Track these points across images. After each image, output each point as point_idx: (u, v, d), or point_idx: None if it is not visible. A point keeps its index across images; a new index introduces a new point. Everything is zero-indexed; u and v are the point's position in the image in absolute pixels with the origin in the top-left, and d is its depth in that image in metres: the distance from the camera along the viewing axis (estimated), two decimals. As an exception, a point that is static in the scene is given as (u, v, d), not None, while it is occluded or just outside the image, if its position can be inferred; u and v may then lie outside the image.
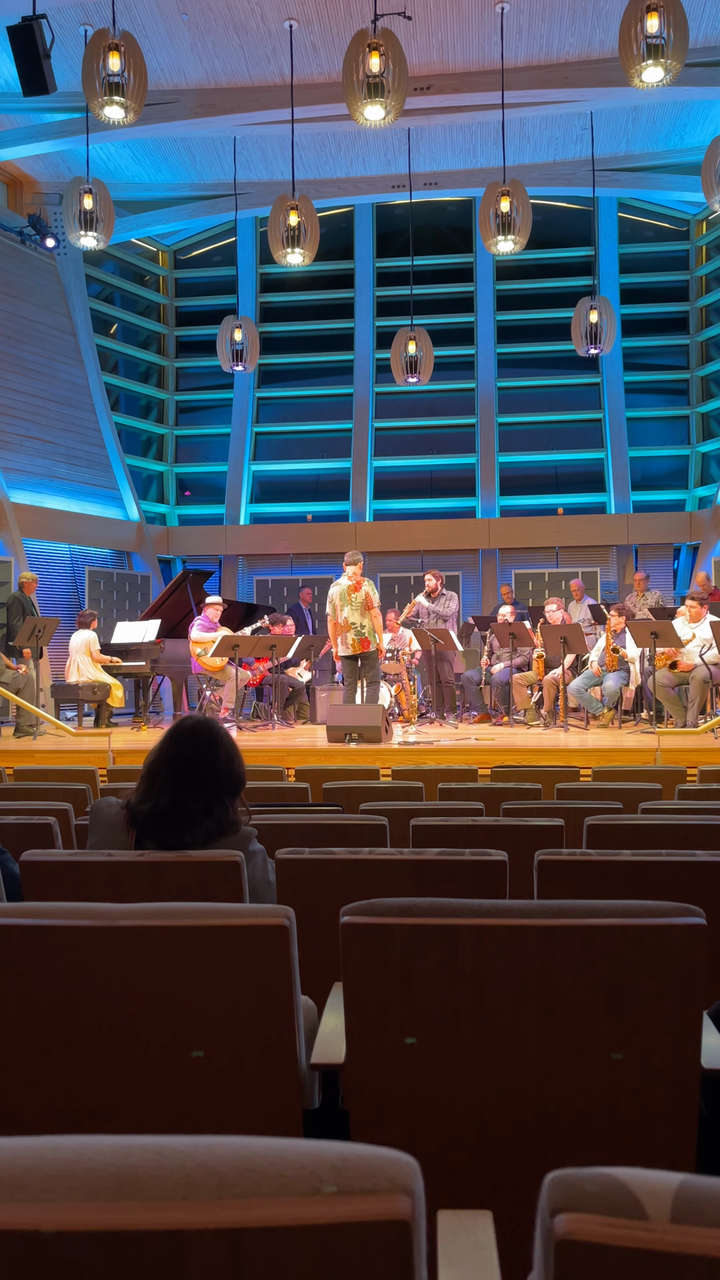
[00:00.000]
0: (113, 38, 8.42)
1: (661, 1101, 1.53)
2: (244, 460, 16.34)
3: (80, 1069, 1.65)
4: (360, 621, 8.42)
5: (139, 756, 6.97)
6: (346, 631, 8.48)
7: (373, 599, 8.49)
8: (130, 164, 14.18)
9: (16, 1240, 0.68)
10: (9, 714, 10.07)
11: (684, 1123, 1.54)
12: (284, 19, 10.84)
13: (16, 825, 3.25)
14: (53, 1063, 1.65)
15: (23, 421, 13.61)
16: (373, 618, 8.54)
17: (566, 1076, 1.53)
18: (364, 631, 8.43)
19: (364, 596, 8.45)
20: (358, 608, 8.44)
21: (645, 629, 8.56)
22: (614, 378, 15.64)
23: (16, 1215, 0.67)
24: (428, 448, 16.30)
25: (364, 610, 8.44)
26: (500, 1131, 1.54)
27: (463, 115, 12.20)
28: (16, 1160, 0.70)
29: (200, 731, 2.36)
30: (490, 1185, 1.54)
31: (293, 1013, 1.65)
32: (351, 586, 8.46)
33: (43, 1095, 1.66)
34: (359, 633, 8.43)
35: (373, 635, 8.49)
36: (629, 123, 13.28)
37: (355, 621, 8.42)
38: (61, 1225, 0.67)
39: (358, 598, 8.44)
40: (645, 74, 8.11)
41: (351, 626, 8.43)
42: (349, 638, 8.48)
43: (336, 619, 8.56)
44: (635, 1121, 1.53)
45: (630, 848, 2.62)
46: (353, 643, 8.47)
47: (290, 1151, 0.70)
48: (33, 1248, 0.69)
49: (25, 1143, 0.72)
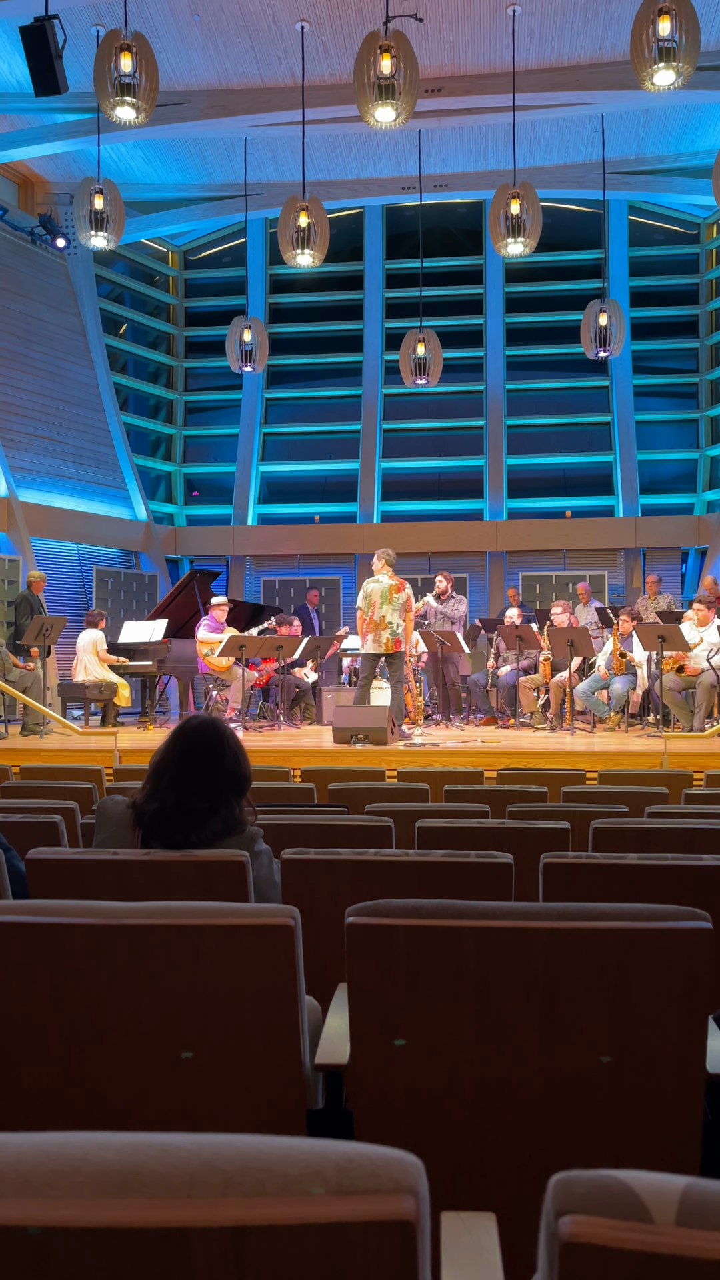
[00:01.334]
0: (124, 38, 8.44)
1: (666, 1105, 1.52)
2: (252, 461, 16.36)
3: (84, 1067, 1.65)
4: (397, 622, 8.37)
5: (145, 756, 6.98)
6: (381, 630, 8.39)
7: (413, 602, 8.46)
8: (141, 164, 14.21)
9: (22, 1236, 0.68)
10: (16, 712, 10.09)
11: (688, 1126, 1.54)
12: (296, 20, 10.85)
13: (23, 823, 3.26)
14: (57, 1061, 1.65)
15: (32, 421, 13.65)
16: (408, 620, 8.52)
17: (571, 1079, 1.53)
18: (399, 632, 8.38)
19: (405, 598, 8.42)
20: (398, 608, 8.37)
21: (653, 632, 8.54)
22: (623, 381, 15.62)
23: (22, 1211, 0.67)
24: (436, 449, 16.30)
25: (403, 611, 8.40)
26: (504, 1134, 1.54)
27: (473, 117, 12.20)
28: (22, 1156, 0.70)
29: (207, 731, 2.36)
30: (494, 1187, 1.54)
31: (297, 1013, 1.65)
32: (395, 587, 8.40)
33: (47, 1093, 1.67)
34: (394, 633, 8.36)
35: (404, 637, 8.46)
36: (640, 126, 13.27)
37: (393, 621, 8.35)
38: (67, 1222, 0.67)
39: (399, 598, 8.38)
40: (657, 77, 8.10)
41: (388, 625, 8.36)
42: (383, 636, 8.39)
43: (373, 615, 8.44)
44: (640, 1125, 1.53)
45: (636, 851, 2.62)
46: (386, 642, 8.39)
47: (295, 1150, 0.70)
48: (38, 1244, 0.69)
49: (31, 1139, 0.72)
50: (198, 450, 17.22)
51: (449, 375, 13.86)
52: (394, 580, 8.44)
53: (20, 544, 12.69)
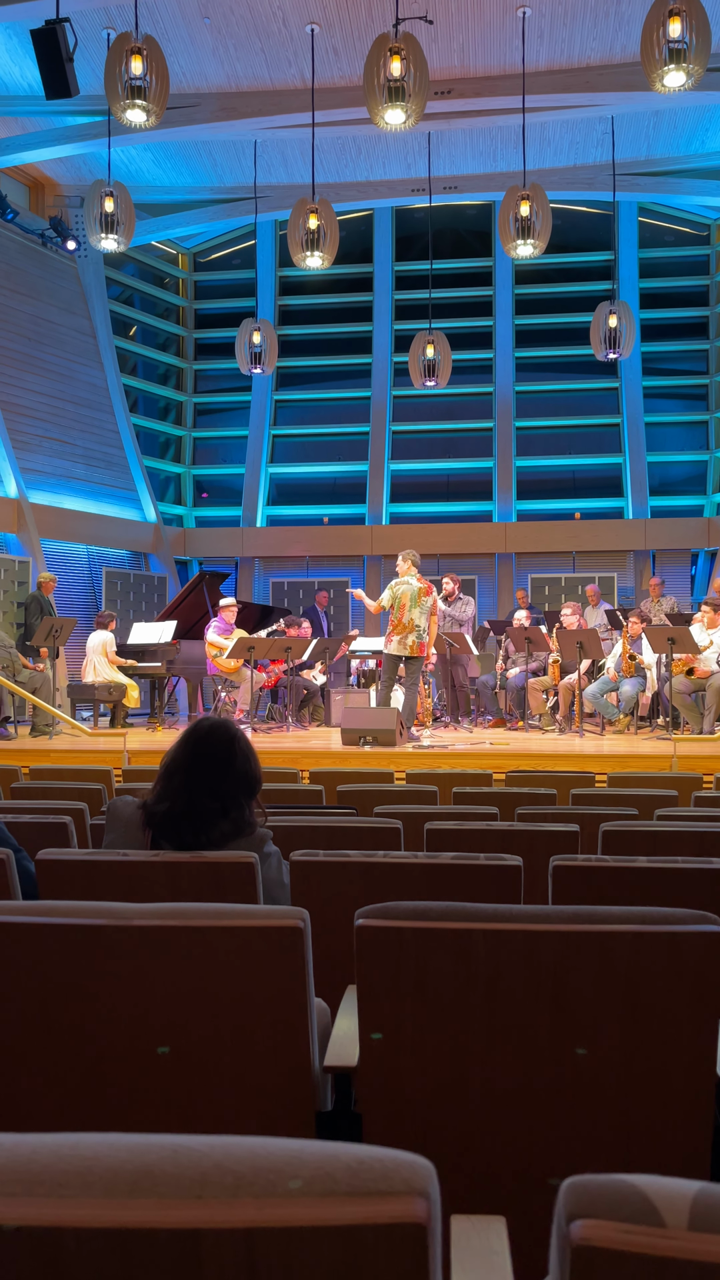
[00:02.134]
0: (135, 41, 8.46)
1: (676, 1109, 1.52)
2: (261, 462, 16.38)
3: (94, 1068, 1.65)
4: (425, 626, 8.33)
5: (154, 757, 6.99)
6: (409, 633, 8.32)
7: (438, 606, 8.39)
8: (151, 167, 14.25)
9: (34, 1237, 0.68)
10: (26, 713, 10.11)
11: (699, 1131, 1.53)
12: (306, 23, 10.87)
13: (33, 824, 3.27)
14: (67, 1061, 1.66)
15: (42, 423, 13.69)
16: (433, 625, 8.50)
17: (581, 1083, 1.52)
18: (424, 636, 8.35)
19: (432, 602, 8.39)
20: (426, 611, 8.33)
21: (662, 634, 8.52)
22: (633, 383, 15.59)
23: (34, 1211, 0.68)
24: (445, 451, 16.29)
25: (429, 615, 8.38)
26: (513, 1137, 1.53)
27: (483, 119, 12.20)
28: (34, 1157, 0.70)
29: (218, 733, 2.36)
30: (503, 1191, 1.53)
31: (306, 1015, 1.65)
32: (424, 589, 8.35)
33: (57, 1093, 1.67)
34: (420, 636, 8.31)
35: (428, 642, 8.45)
36: (650, 127, 13.25)
37: (421, 625, 8.30)
38: (78, 1222, 0.68)
39: (428, 602, 8.35)
40: (667, 78, 8.09)
41: (415, 629, 8.30)
42: (409, 639, 8.32)
43: (401, 617, 8.35)
44: (650, 1129, 1.52)
45: (646, 854, 2.61)
46: (412, 645, 8.33)
47: (306, 1152, 0.70)
48: (50, 1245, 0.69)
49: (42, 1139, 0.72)
50: (207, 452, 17.25)
51: (458, 377, 13.86)
52: (422, 583, 8.40)
53: (30, 545, 12.73)
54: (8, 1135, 0.73)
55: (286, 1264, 0.68)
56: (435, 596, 8.42)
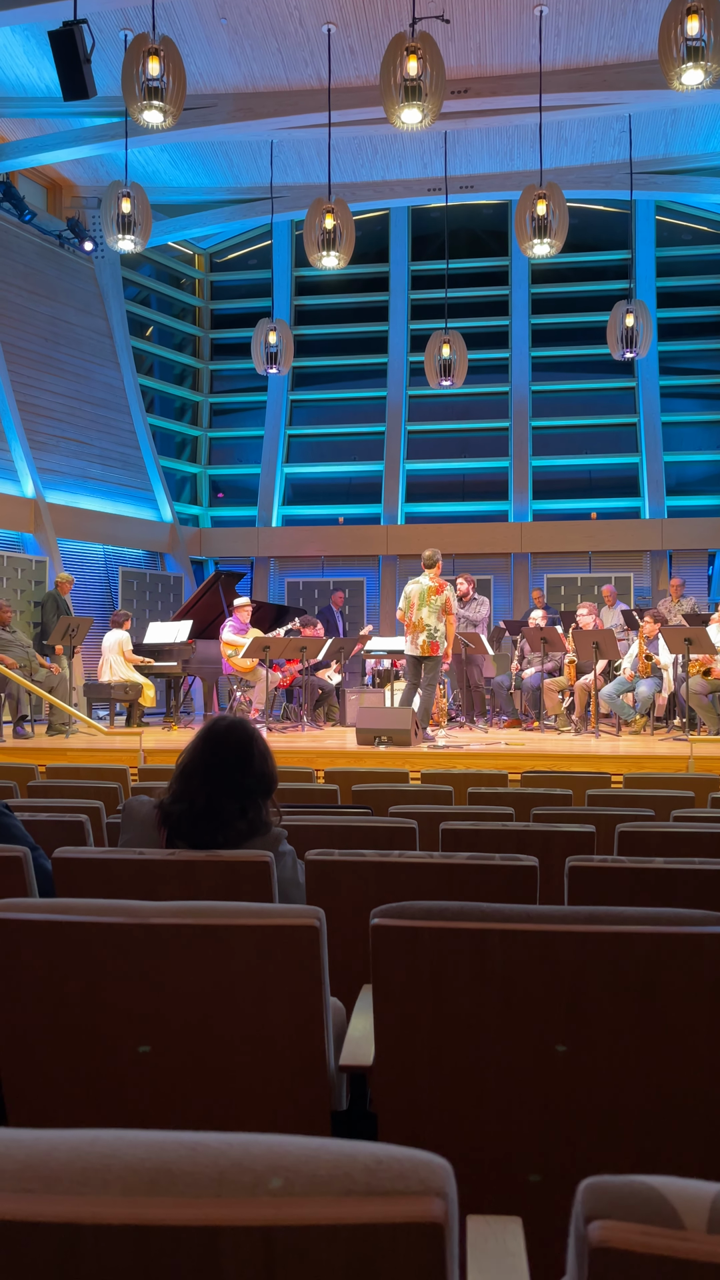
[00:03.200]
0: (152, 42, 8.48)
1: (695, 1111, 1.51)
2: (277, 462, 16.40)
3: (110, 1065, 1.66)
4: (435, 625, 8.21)
5: (170, 756, 7.00)
6: (419, 632, 8.25)
7: (453, 604, 8.28)
8: (168, 168, 14.29)
9: (52, 1233, 0.69)
10: (42, 712, 10.16)
11: (718, 1133, 1.52)
12: (322, 23, 10.87)
13: (49, 822, 3.28)
14: (84, 1058, 1.66)
15: (59, 423, 13.75)
16: (449, 623, 8.33)
17: (598, 1084, 1.52)
18: (436, 635, 8.22)
19: (444, 600, 8.24)
20: (435, 610, 8.22)
21: (679, 635, 8.48)
22: (649, 382, 15.53)
23: (52, 1208, 0.68)
24: (460, 451, 16.27)
25: (441, 614, 8.23)
26: (530, 1138, 1.53)
27: (500, 118, 12.17)
28: (53, 1153, 0.70)
29: (234, 732, 2.36)
30: (520, 1191, 1.53)
31: (322, 1014, 1.65)
32: (434, 588, 8.24)
33: (75, 1090, 1.68)
34: (431, 636, 8.21)
35: (443, 640, 8.27)
36: (668, 125, 13.19)
37: (430, 624, 8.20)
38: (96, 1219, 0.68)
39: (438, 600, 8.22)
40: (685, 76, 8.05)
41: (425, 628, 8.21)
42: (420, 639, 8.26)
43: (411, 617, 8.31)
44: (668, 1131, 1.52)
45: (662, 855, 2.60)
46: (422, 644, 8.25)
47: (324, 1151, 0.70)
48: (67, 1241, 0.69)
49: (61, 1136, 0.72)
50: (223, 452, 17.28)
51: (474, 377, 13.83)
52: (434, 581, 8.29)
53: (47, 545, 12.79)
54: (26, 1132, 0.73)
55: (304, 1262, 0.68)
56: (448, 594, 8.30)
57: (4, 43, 11.28)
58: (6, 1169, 0.69)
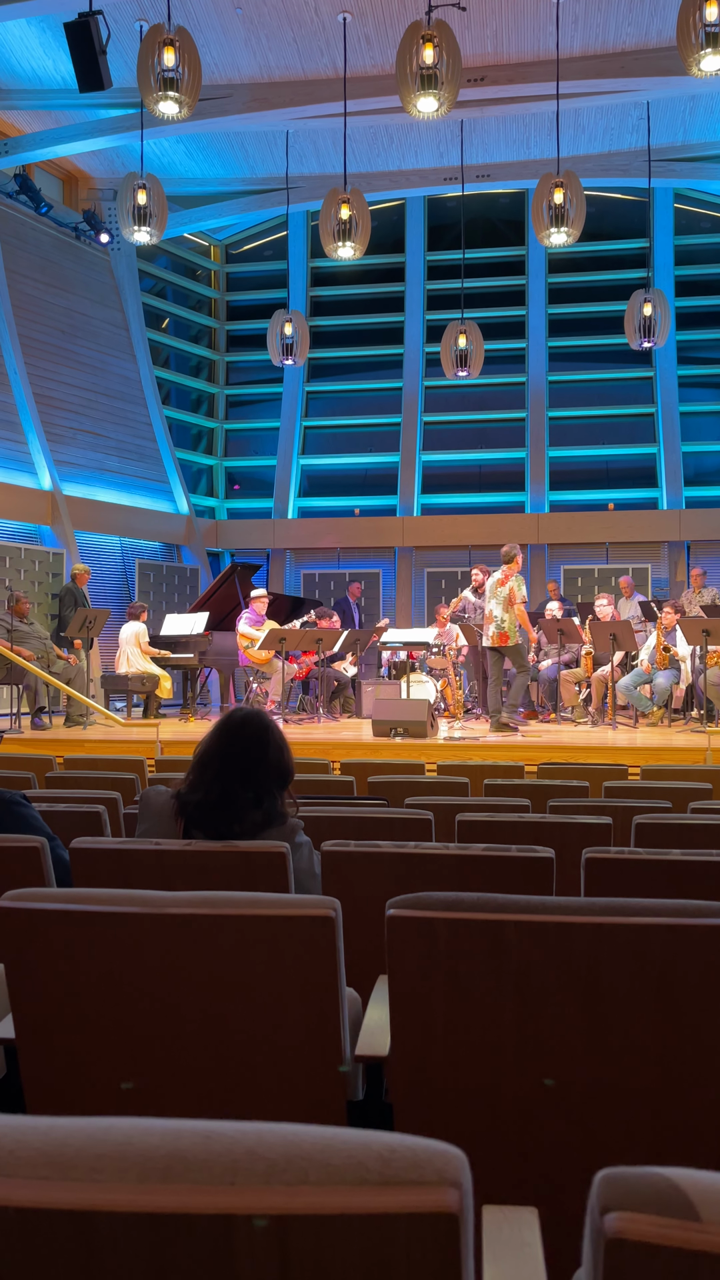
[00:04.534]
0: (167, 33, 8.47)
1: (712, 1103, 1.50)
2: (293, 454, 16.39)
3: (126, 1054, 1.67)
4: (502, 615, 8.49)
5: (186, 747, 7.03)
6: (489, 624, 8.57)
7: (516, 594, 8.49)
8: (183, 159, 14.27)
9: (67, 1220, 0.69)
10: (60, 704, 10.21)
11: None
12: (338, 12, 10.82)
13: (67, 813, 3.30)
14: (100, 1047, 1.67)
15: (75, 415, 13.79)
16: (517, 614, 8.56)
17: (614, 1075, 1.51)
18: (504, 626, 8.49)
19: (508, 592, 8.50)
20: (501, 601, 8.50)
21: (697, 626, 8.44)
22: (667, 371, 15.42)
23: (68, 1195, 0.68)
24: (477, 442, 16.21)
25: (507, 605, 8.49)
26: (546, 1129, 1.53)
27: (516, 106, 12.09)
28: (69, 1140, 0.70)
29: (251, 723, 2.37)
30: (536, 1182, 1.53)
31: (337, 1004, 1.65)
32: (499, 580, 8.54)
33: (91, 1079, 1.68)
34: (499, 627, 8.50)
35: (514, 630, 8.51)
36: (686, 112, 13.07)
37: (498, 615, 8.51)
38: (111, 1206, 0.68)
39: (502, 592, 8.51)
40: (704, 63, 7.97)
41: (494, 619, 8.52)
42: (490, 630, 8.58)
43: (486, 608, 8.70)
44: (684, 1122, 1.51)
45: (679, 847, 2.59)
46: (492, 636, 8.55)
47: (338, 1140, 0.70)
48: (83, 1228, 0.69)
49: (76, 1123, 0.73)
50: (239, 444, 17.28)
51: (490, 367, 13.77)
52: (501, 574, 8.59)
53: (64, 537, 12.83)
54: (42, 1119, 0.73)
55: (318, 1251, 0.68)
56: (512, 585, 8.49)
57: (20, 35, 11.28)
58: (22, 1156, 0.69)
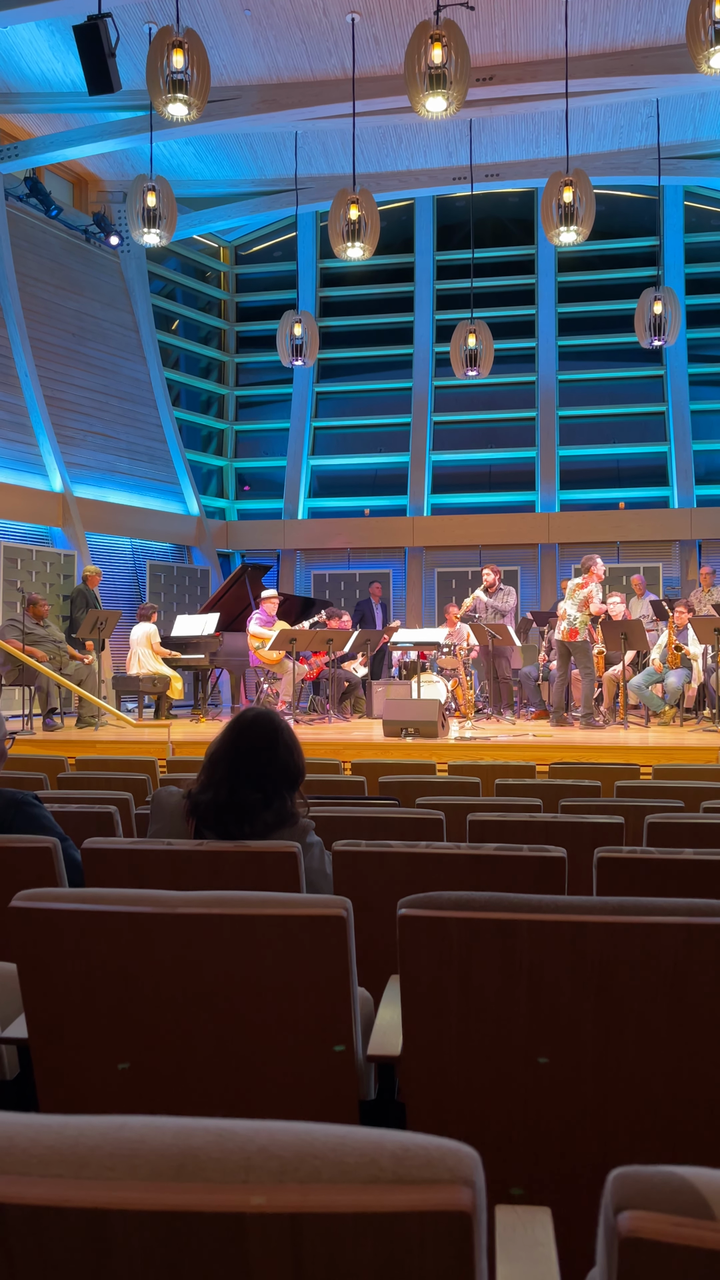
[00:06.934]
0: (176, 35, 8.48)
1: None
2: (303, 455, 16.39)
3: (138, 1053, 1.67)
4: (575, 614, 8.96)
5: (198, 748, 7.04)
6: (561, 620, 9.09)
7: (594, 597, 8.93)
8: (193, 160, 14.30)
9: (80, 1218, 0.69)
10: (72, 705, 10.24)
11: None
12: (346, 12, 10.82)
13: (79, 813, 3.30)
14: (112, 1046, 1.67)
15: (86, 417, 13.83)
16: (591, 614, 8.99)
17: (627, 1075, 1.51)
18: (574, 623, 8.95)
19: (586, 594, 8.93)
20: (577, 602, 8.95)
21: (709, 625, 8.41)
22: (678, 370, 15.37)
23: (81, 1193, 0.68)
24: (487, 441, 16.18)
25: (583, 605, 8.91)
26: (559, 1128, 1.52)
27: (525, 105, 12.07)
28: (82, 1139, 0.70)
29: (262, 724, 2.37)
30: (549, 1182, 1.52)
31: (349, 1003, 1.65)
32: (579, 584, 9.03)
33: (103, 1077, 1.69)
34: (570, 623, 8.96)
35: (583, 628, 8.91)
36: (696, 110, 13.03)
37: (571, 614, 8.98)
38: (124, 1204, 0.68)
39: (580, 594, 8.97)
40: (714, 60, 7.94)
41: (566, 617, 9.02)
42: (560, 625, 9.10)
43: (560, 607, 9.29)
44: (698, 1122, 1.51)
45: (692, 846, 2.58)
46: (563, 631, 9.03)
47: (351, 1139, 0.70)
48: (95, 1226, 0.69)
49: (89, 1121, 0.73)
50: (249, 445, 17.30)
51: (500, 366, 13.75)
52: (581, 580, 9.07)
53: (75, 539, 12.87)
54: (55, 1117, 0.73)
55: (331, 1250, 0.68)
56: (590, 589, 8.92)
57: (29, 38, 11.32)
58: (35, 1154, 0.69)
